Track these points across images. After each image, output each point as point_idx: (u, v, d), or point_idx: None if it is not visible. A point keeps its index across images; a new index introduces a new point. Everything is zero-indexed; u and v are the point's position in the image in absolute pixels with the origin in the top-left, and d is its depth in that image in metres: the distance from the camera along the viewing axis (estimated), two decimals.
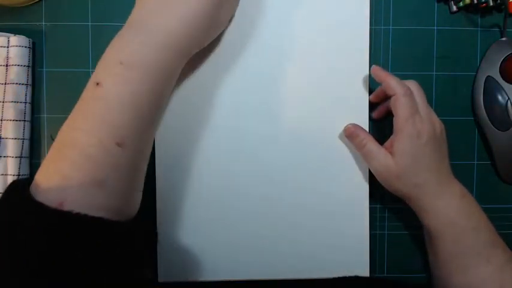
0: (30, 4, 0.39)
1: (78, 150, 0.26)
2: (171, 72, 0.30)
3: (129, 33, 0.29)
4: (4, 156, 0.37)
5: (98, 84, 0.27)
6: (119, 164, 0.27)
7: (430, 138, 0.34)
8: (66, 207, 0.25)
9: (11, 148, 0.37)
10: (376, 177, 0.36)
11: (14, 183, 0.28)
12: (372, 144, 0.36)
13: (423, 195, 0.34)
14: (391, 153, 0.34)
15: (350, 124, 0.37)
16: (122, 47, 0.29)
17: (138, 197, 0.30)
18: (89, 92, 0.28)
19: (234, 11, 0.34)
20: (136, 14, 0.30)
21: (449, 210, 0.34)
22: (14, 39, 0.37)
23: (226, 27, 0.37)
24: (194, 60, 0.34)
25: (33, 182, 0.27)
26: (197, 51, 0.32)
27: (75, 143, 0.27)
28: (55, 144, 0.27)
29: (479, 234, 0.34)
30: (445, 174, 0.35)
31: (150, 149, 0.31)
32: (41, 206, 0.25)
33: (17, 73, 0.37)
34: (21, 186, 0.27)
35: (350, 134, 0.37)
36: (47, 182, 0.26)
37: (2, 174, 0.37)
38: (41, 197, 0.25)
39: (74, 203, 0.25)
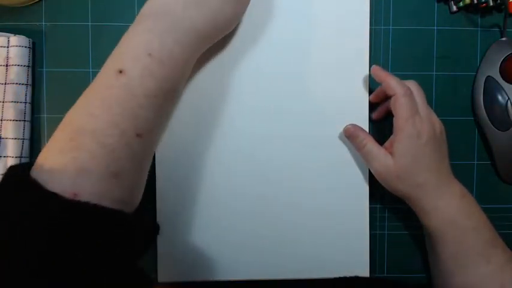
0: (30, 4, 0.39)
1: (96, 140, 0.25)
2: (189, 68, 0.31)
3: (159, 25, 0.28)
4: (4, 156, 0.37)
5: (121, 72, 0.26)
6: (135, 155, 0.27)
7: (430, 138, 0.34)
8: (81, 198, 0.24)
9: (11, 148, 0.37)
10: (376, 177, 0.36)
11: (13, 168, 0.27)
12: (371, 144, 0.36)
13: (423, 195, 0.34)
14: (391, 153, 0.34)
15: (350, 124, 0.37)
16: (152, 39, 0.28)
17: (143, 187, 0.30)
18: (110, 78, 0.27)
19: (245, 9, 0.34)
20: (163, 5, 0.29)
21: (450, 210, 0.34)
22: (14, 39, 0.37)
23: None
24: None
25: (41, 169, 0.25)
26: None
27: (94, 132, 0.25)
28: (64, 128, 0.26)
29: (479, 234, 0.34)
30: (445, 174, 0.35)
31: (157, 145, 0.31)
32: (53, 195, 0.23)
33: (17, 73, 0.37)
34: (22, 172, 0.25)
35: (350, 135, 0.37)
36: (61, 170, 0.24)
37: (2, 174, 0.37)
38: (53, 186, 0.24)
39: (90, 195, 0.24)
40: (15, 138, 0.37)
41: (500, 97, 0.39)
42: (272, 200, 0.38)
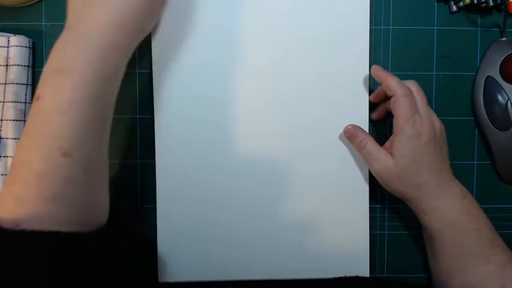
0: (30, 4, 0.39)
1: (27, 168, 0.26)
2: (108, 72, 0.29)
3: (63, 38, 0.29)
4: (4, 156, 0.37)
5: (38, 98, 0.27)
6: (69, 175, 0.27)
7: (430, 138, 0.34)
8: (24, 226, 0.25)
9: (11, 148, 0.37)
10: (376, 178, 0.36)
11: None
12: (371, 144, 0.36)
13: (424, 196, 0.34)
14: (391, 153, 0.34)
15: (349, 125, 0.37)
16: (55, 54, 0.28)
17: (102, 205, 0.30)
18: (32, 108, 0.28)
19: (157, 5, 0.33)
20: (69, 19, 0.30)
21: (450, 210, 0.34)
22: (14, 39, 0.37)
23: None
24: None
25: None
26: (136, 45, 0.31)
27: (24, 161, 0.27)
28: (9, 168, 0.28)
29: (480, 235, 0.34)
30: (445, 175, 0.35)
31: (105, 155, 0.30)
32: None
33: (17, 73, 0.37)
34: None
35: (350, 135, 0.37)
36: (3, 204, 0.26)
37: (2, 174, 0.37)
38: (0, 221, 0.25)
39: (31, 221, 0.25)
40: (15, 138, 0.37)
41: (500, 97, 0.39)
42: (272, 201, 0.38)
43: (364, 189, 0.38)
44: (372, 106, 0.39)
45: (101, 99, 0.28)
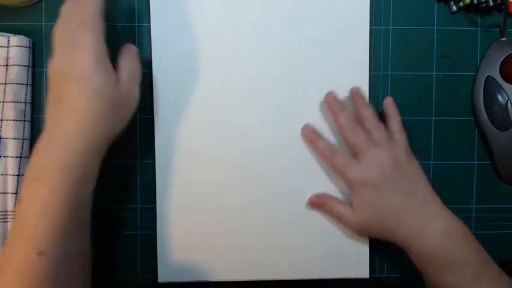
0: (30, 4, 0.39)
1: (10, 265, 0.28)
2: (79, 177, 0.30)
3: (38, 148, 0.30)
4: (4, 156, 0.37)
5: (20, 201, 0.30)
6: (44, 272, 0.28)
7: (382, 180, 0.33)
8: None
9: (11, 148, 0.37)
10: (356, 233, 0.37)
11: None
12: (338, 206, 0.36)
13: (401, 238, 0.34)
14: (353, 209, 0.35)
15: (312, 196, 0.38)
16: (33, 160, 0.30)
17: None
18: (16, 209, 0.31)
19: (136, 101, 0.33)
20: (47, 115, 0.31)
21: (430, 249, 0.32)
22: (14, 39, 0.37)
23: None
24: None
25: None
26: (108, 144, 0.32)
27: (8, 258, 0.29)
28: None
29: (464, 271, 0.32)
30: (421, 208, 0.33)
31: (86, 250, 0.31)
32: None
33: (17, 73, 0.37)
34: None
35: (317, 206, 0.37)
36: None
37: (2, 174, 0.37)
38: None
39: None
40: (15, 138, 0.37)
41: (500, 97, 0.39)
42: (272, 201, 0.38)
43: None
44: (372, 106, 0.39)
45: (73, 202, 0.29)
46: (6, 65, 0.37)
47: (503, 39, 0.39)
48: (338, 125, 0.36)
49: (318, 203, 0.37)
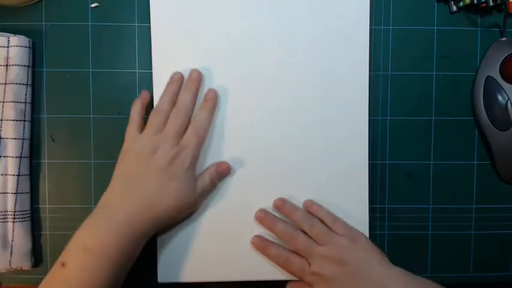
0: (30, 4, 0.39)
1: None
2: (130, 254, 0.32)
3: (96, 218, 0.32)
4: (4, 156, 0.37)
5: (63, 264, 0.30)
6: None
7: (336, 278, 0.34)
8: None
9: (11, 148, 0.37)
10: None
11: None
12: None
13: None
14: None
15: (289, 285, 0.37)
16: (88, 232, 0.31)
17: None
18: (55, 270, 0.31)
19: (210, 192, 0.37)
20: (105, 199, 0.33)
21: None
22: (14, 39, 0.37)
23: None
24: None
25: None
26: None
27: None
28: None
29: None
30: None
31: None
32: None
33: (17, 73, 0.37)
34: None
35: None
36: None
37: (2, 174, 0.37)
38: None
39: None
40: (15, 138, 0.37)
41: (500, 97, 0.39)
42: (271, 202, 0.38)
43: (364, 189, 0.38)
44: (372, 106, 0.39)
45: (116, 277, 0.32)
46: (6, 65, 0.37)
47: (503, 39, 0.39)
48: (277, 237, 0.37)
49: None
